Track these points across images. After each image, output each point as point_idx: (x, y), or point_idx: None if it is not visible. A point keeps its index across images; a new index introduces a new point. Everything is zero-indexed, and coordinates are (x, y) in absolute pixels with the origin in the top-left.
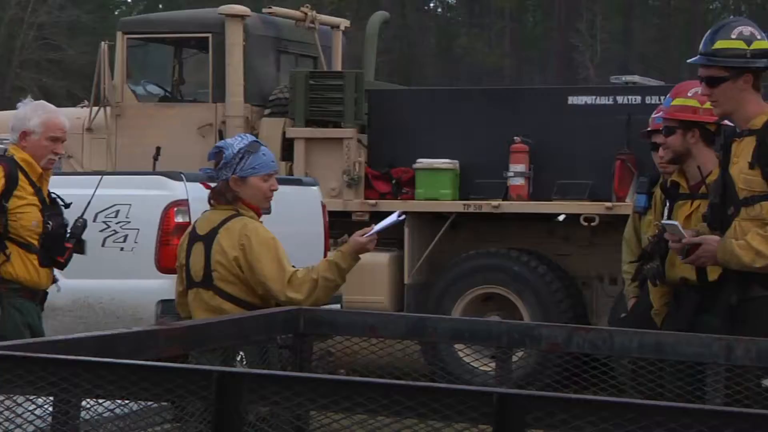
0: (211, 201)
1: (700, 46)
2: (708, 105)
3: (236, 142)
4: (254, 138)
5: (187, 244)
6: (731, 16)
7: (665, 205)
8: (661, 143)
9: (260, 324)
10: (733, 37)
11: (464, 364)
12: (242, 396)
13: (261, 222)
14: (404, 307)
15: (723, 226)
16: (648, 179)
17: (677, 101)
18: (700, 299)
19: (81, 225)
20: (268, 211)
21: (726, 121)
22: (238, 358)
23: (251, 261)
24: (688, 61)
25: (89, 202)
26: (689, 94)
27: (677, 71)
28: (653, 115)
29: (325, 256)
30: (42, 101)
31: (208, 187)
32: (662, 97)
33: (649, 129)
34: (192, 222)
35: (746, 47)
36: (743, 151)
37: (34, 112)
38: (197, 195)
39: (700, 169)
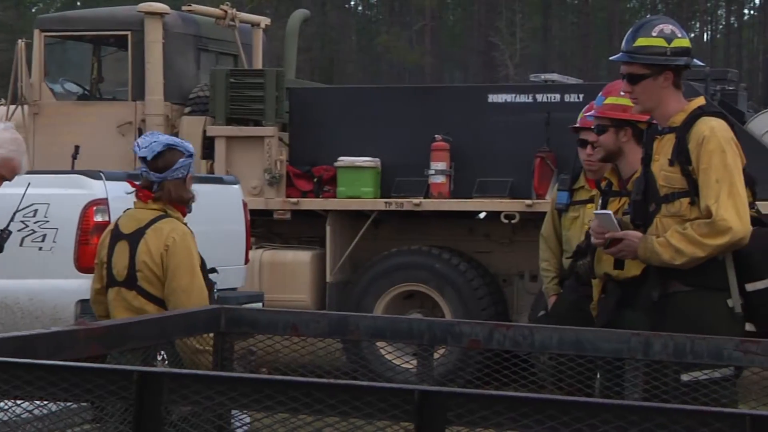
0: (138, 200)
1: (622, 43)
2: None
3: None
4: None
5: (109, 241)
6: (648, 15)
7: (600, 202)
8: (592, 141)
9: (181, 323)
10: (653, 35)
11: (386, 361)
12: (163, 396)
13: (186, 224)
14: (326, 306)
15: (645, 222)
16: (570, 176)
17: (610, 100)
18: (621, 294)
19: (5, 236)
20: (189, 210)
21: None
22: (159, 358)
23: (169, 264)
24: (611, 58)
25: (18, 207)
26: (621, 93)
27: (596, 69)
28: (584, 113)
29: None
30: None
31: (134, 185)
32: (581, 95)
33: (578, 125)
34: (114, 220)
35: (666, 45)
36: (664, 148)
37: None
38: (117, 194)
39: (619, 167)
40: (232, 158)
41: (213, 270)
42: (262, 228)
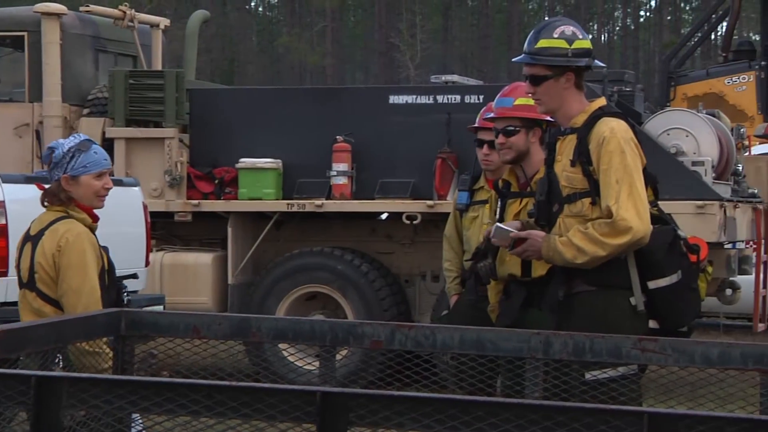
0: (45, 202)
1: (525, 45)
2: None
3: (67, 141)
4: (86, 137)
5: (20, 244)
6: (547, 17)
7: (498, 203)
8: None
9: (80, 327)
10: (555, 36)
11: (288, 363)
12: (62, 400)
13: (95, 226)
14: (228, 308)
15: (549, 222)
16: (470, 177)
17: (520, 101)
18: (527, 294)
19: None
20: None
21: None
22: (56, 361)
23: (61, 265)
24: (513, 60)
25: None
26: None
27: (496, 70)
28: (484, 114)
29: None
30: None
31: (41, 188)
32: (481, 96)
33: (476, 125)
34: (26, 224)
35: (568, 46)
36: (566, 149)
37: None
38: (15, 197)
39: (524, 168)
40: (132, 160)
41: (134, 276)
42: (163, 230)
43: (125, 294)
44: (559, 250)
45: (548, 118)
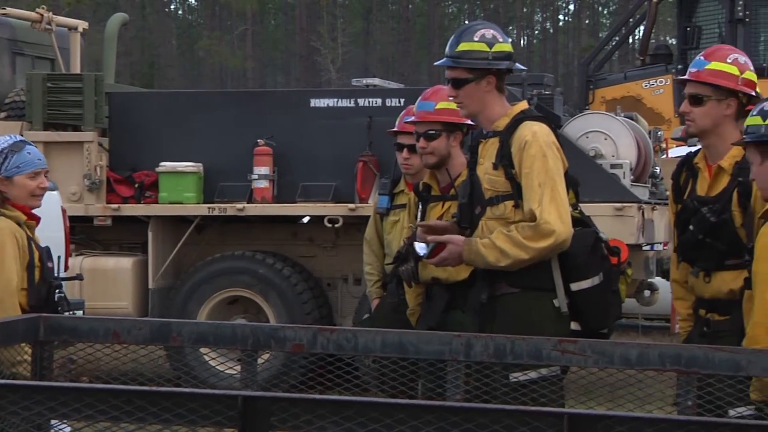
0: None
1: (446, 48)
2: None
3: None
4: (21, 138)
5: None
6: (466, 21)
7: (418, 207)
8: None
9: None
10: (475, 39)
11: (210, 367)
12: None
13: (32, 224)
14: (149, 312)
15: (471, 225)
16: (390, 180)
17: (441, 105)
18: (449, 297)
19: None
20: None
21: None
22: None
23: None
24: (435, 63)
25: None
26: (451, 98)
27: (417, 74)
28: (404, 118)
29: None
30: None
31: None
32: (402, 99)
33: (396, 129)
34: None
35: (488, 49)
36: (488, 152)
37: None
38: None
39: (449, 171)
40: (51, 164)
41: (78, 277)
42: (82, 234)
43: (58, 293)
44: (482, 253)
45: (469, 122)
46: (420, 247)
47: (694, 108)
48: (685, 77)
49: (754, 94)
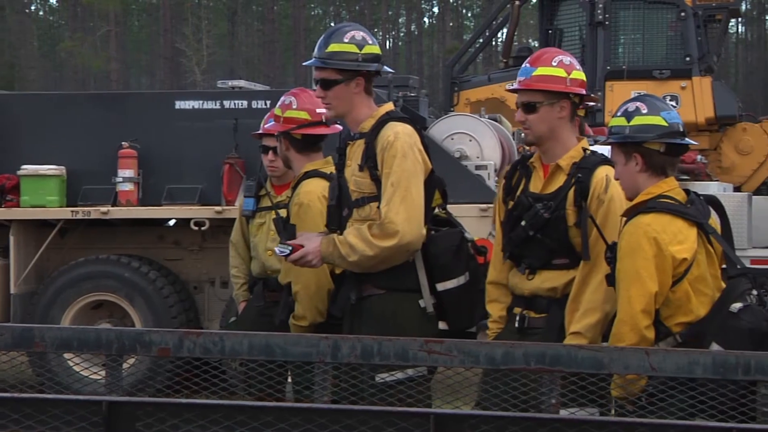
0: None
1: (315, 49)
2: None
3: None
4: None
5: None
6: (332, 23)
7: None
8: (274, 147)
9: None
10: (345, 41)
11: (74, 373)
12: None
13: None
14: (11, 318)
15: (340, 227)
16: (255, 183)
17: (276, 111)
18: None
19: None
20: None
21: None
22: None
23: None
24: (304, 63)
25: None
26: (287, 101)
27: (282, 75)
28: (266, 119)
29: None
30: None
31: None
32: (268, 101)
33: (260, 132)
34: None
35: (358, 51)
36: (355, 153)
37: None
38: None
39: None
40: None
41: None
42: None
43: None
44: (337, 246)
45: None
46: (279, 250)
47: (528, 116)
48: (515, 87)
49: (584, 93)
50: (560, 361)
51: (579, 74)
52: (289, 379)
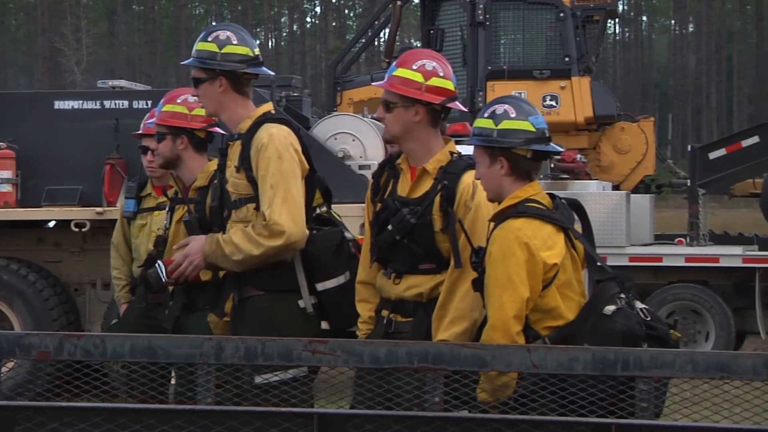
0: None
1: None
2: (197, 111)
3: None
4: None
5: None
6: (214, 22)
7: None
8: (153, 148)
9: None
10: (209, 40)
11: None
12: None
13: None
14: None
15: (222, 228)
16: (136, 183)
17: (167, 107)
18: (187, 299)
19: None
20: None
21: (217, 129)
22: None
23: None
24: (182, 63)
25: None
26: (179, 101)
27: (164, 75)
28: (145, 119)
29: None
30: None
31: None
32: (150, 101)
33: (141, 132)
34: None
35: (218, 50)
36: (234, 154)
37: None
38: None
39: (180, 175)
40: None
41: None
42: None
43: None
44: (221, 245)
45: (192, 126)
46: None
47: (386, 114)
48: (381, 83)
49: (438, 102)
50: (443, 359)
51: (440, 81)
52: (173, 381)
